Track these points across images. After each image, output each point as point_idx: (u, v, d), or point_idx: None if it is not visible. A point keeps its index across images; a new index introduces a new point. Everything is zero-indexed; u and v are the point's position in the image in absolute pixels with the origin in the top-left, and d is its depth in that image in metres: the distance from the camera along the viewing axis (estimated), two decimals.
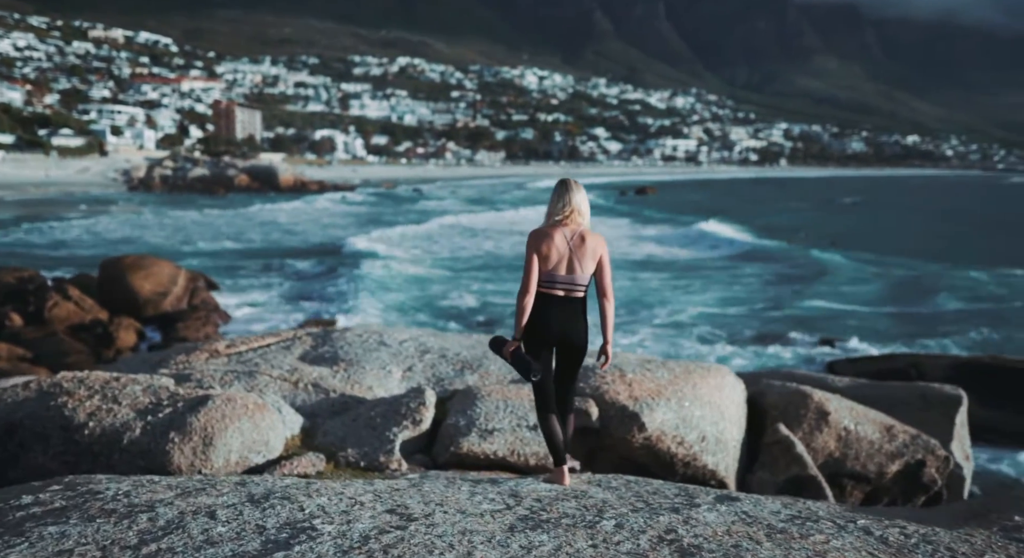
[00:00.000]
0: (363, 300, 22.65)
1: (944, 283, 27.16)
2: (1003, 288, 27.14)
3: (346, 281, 25.51)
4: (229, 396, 5.51)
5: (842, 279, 28.15)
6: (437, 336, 7.93)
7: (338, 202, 71.01)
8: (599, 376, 6.09)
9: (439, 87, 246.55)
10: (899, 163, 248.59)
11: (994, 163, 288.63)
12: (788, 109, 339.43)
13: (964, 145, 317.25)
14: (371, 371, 6.65)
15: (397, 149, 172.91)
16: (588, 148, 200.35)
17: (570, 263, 3.84)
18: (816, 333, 19.97)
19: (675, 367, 6.40)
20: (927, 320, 22.07)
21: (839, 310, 23.32)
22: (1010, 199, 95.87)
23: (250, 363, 6.96)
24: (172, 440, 5.22)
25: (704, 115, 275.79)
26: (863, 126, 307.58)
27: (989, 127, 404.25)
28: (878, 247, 38.06)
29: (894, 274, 29.43)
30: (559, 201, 3.93)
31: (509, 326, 20.60)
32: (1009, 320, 22.01)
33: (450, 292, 24.81)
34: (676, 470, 5.82)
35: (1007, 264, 32.50)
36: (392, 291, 24.78)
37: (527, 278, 3.84)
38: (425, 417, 5.56)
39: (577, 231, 3.88)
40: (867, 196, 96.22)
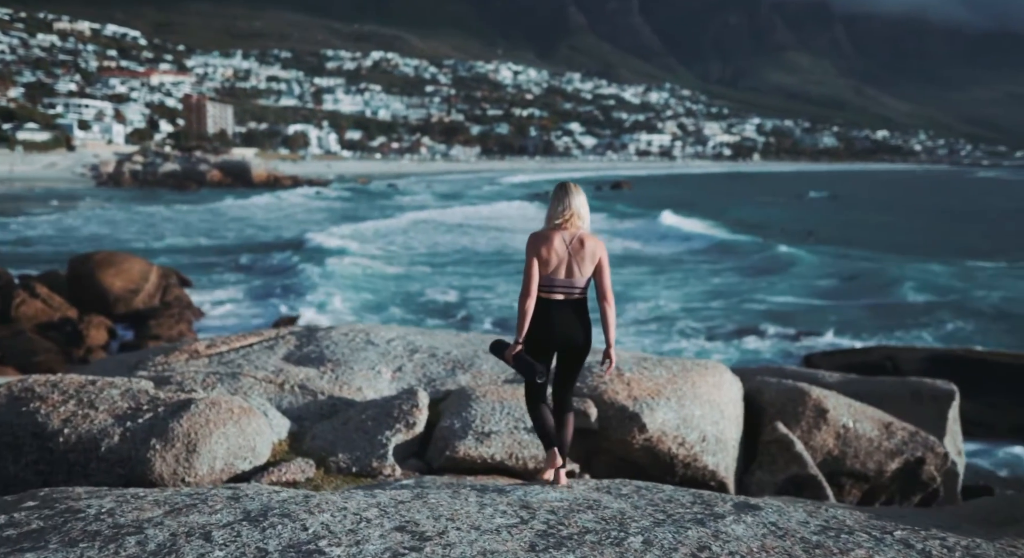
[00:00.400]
0: (335, 296, 22.43)
1: (912, 276, 27.45)
2: (967, 281, 27.50)
3: (318, 276, 25.25)
4: (213, 400, 5.26)
5: (813, 273, 28.35)
6: (425, 334, 7.71)
7: (312, 197, 70.37)
8: (596, 375, 5.91)
9: (413, 82, 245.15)
10: (869, 158, 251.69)
11: (960, 158, 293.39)
12: (760, 104, 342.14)
13: (932, 140, 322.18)
14: (360, 372, 6.43)
15: (371, 144, 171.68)
16: (563, 143, 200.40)
17: (569, 266, 3.85)
18: (790, 326, 20.04)
19: (672, 365, 6.25)
20: (896, 313, 22.25)
21: (810, 304, 23.45)
22: (977, 194, 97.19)
23: (232, 364, 6.70)
24: (153, 447, 4.97)
25: (678, 110, 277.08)
26: (834, 121, 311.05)
27: (955, 122, 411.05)
28: (848, 241, 38.42)
29: (863, 268, 29.70)
30: (559, 205, 3.93)
31: (480, 320, 20.46)
32: (975, 312, 22.26)
33: (424, 287, 24.59)
34: (676, 471, 5.67)
35: (972, 257, 32.94)
36: (364, 287, 24.52)
37: (527, 281, 3.84)
38: (418, 420, 5.35)
39: (576, 234, 3.89)
40: (838, 190, 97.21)
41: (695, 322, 20.85)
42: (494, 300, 22.75)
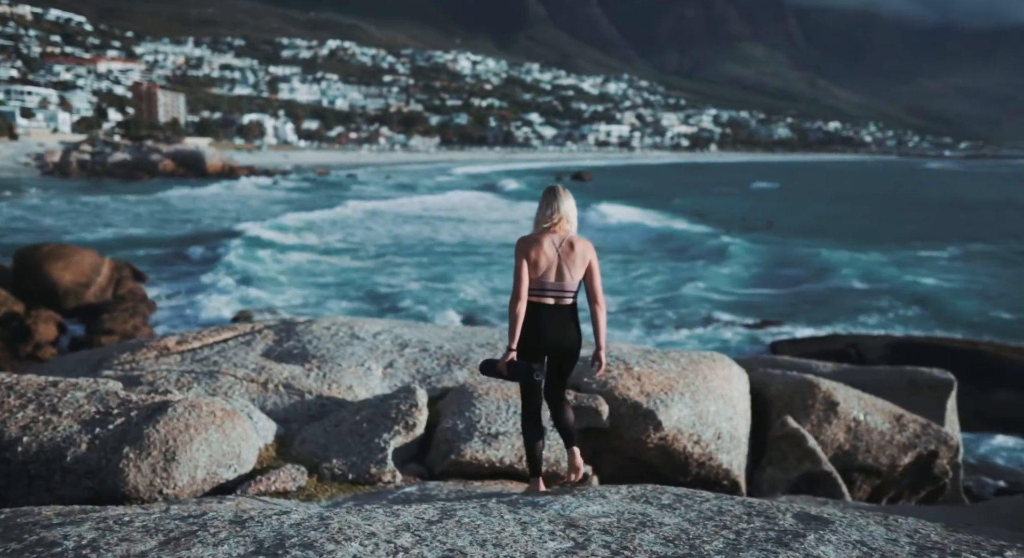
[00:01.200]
0: (289, 289, 21.87)
1: (863, 263, 27.71)
2: (915, 268, 27.89)
3: (270, 266, 24.57)
4: (192, 402, 4.79)
5: (759, 261, 28.36)
6: (412, 327, 7.29)
7: (269, 188, 68.96)
8: (604, 369, 5.57)
9: (371, 71, 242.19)
10: (822, 149, 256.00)
11: (909, 149, 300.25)
12: (717, 95, 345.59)
13: (881, 131, 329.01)
14: (348, 368, 5.99)
15: (329, 134, 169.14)
16: (523, 133, 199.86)
17: (559, 269, 3.83)
18: (750, 316, 19.97)
19: (679, 357, 5.93)
20: (847, 299, 22.23)
21: (758, 293, 23.36)
22: (926, 183, 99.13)
23: (208, 362, 6.21)
24: (126, 456, 4.49)
25: (636, 101, 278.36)
26: (788, 112, 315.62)
27: (903, 114, 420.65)
28: (798, 231, 38.68)
29: (816, 256, 29.76)
30: (547, 208, 3.90)
31: (426, 314, 19.94)
32: (917, 297, 22.44)
33: (383, 279, 24.04)
34: (689, 470, 5.37)
35: (926, 245, 33.35)
36: (318, 279, 23.92)
37: (518, 285, 3.81)
38: (419, 421, 4.95)
39: (566, 238, 3.87)
40: (791, 180, 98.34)
41: (650, 313, 20.64)
42: (461, 292, 22.31)
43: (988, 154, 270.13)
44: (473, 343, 6.71)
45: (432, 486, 4.53)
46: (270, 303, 20.24)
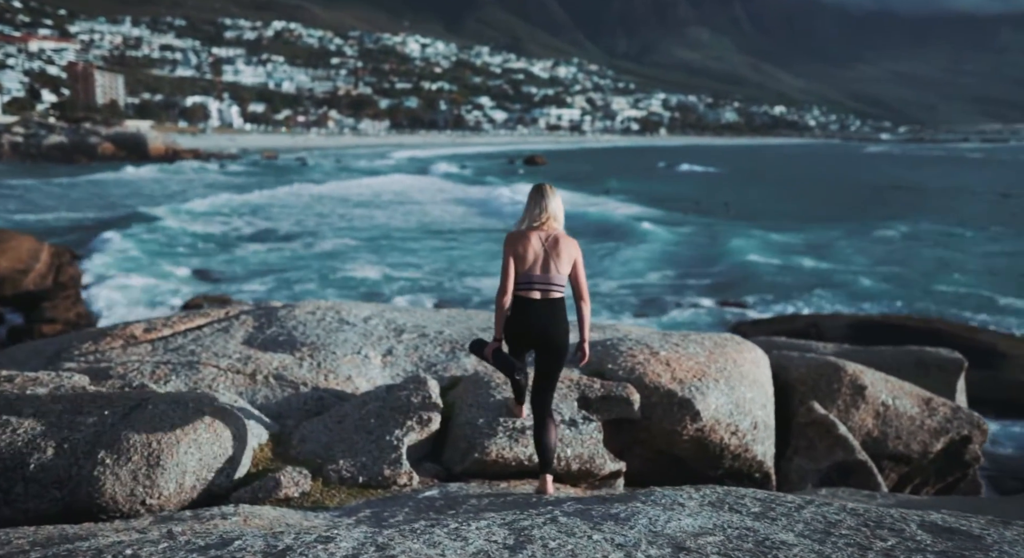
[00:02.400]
0: (242, 274, 21.08)
1: (807, 243, 27.91)
2: (876, 245, 28.18)
3: (237, 259, 23.61)
4: (177, 397, 4.20)
5: (686, 244, 28.11)
6: (404, 311, 6.74)
7: (215, 171, 66.96)
8: (629, 354, 5.11)
9: (318, 53, 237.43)
10: (768, 132, 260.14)
11: (851, 133, 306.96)
12: (665, 80, 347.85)
13: (824, 116, 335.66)
14: (344, 357, 5.43)
15: (276, 117, 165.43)
16: (474, 117, 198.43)
17: (545, 264, 3.88)
18: (709, 297, 19.75)
19: (703, 340, 5.51)
20: (799, 278, 22.12)
21: (675, 274, 23.01)
22: (867, 167, 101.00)
23: (183, 351, 5.58)
24: (102, 462, 3.89)
25: (586, 85, 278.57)
26: (735, 97, 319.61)
27: (845, 98, 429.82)
28: (756, 215, 38.84)
29: (769, 238, 29.81)
30: (535, 207, 3.96)
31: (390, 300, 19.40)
32: (824, 278, 22.50)
33: (345, 264, 23.31)
34: (723, 463, 4.96)
35: (874, 225, 33.63)
36: (268, 264, 23.11)
37: (504, 279, 3.89)
38: (434, 415, 4.43)
39: (552, 234, 3.93)
40: (729, 164, 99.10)
41: (623, 296, 20.18)
42: (421, 276, 21.71)
43: (926, 138, 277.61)
44: (473, 327, 6.20)
45: (455, 489, 4.03)
46: (226, 291, 19.43)
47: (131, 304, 17.75)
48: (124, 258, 22.69)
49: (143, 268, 21.48)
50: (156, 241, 26.35)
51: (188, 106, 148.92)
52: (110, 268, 21.06)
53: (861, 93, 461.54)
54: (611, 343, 5.39)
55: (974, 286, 21.32)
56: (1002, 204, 45.05)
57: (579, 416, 4.42)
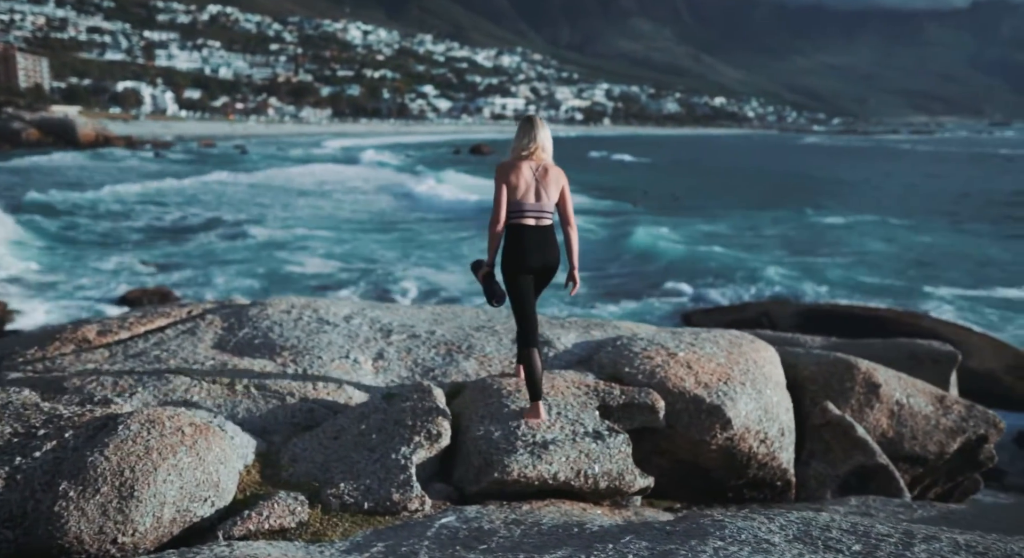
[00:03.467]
0: (188, 267, 20.13)
1: (729, 232, 28.11)
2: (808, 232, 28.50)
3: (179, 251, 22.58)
4: (151, 416, 3.65)
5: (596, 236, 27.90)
6: (386, 309, 6.24)
7: (150, 160, 64.59)
8: (645, 356, 4.73)
9: (256, 39, 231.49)
10: (709, 123, 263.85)
11: (788, 124, 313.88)
12: (608, 70, 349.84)
13: (762, 107, 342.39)
14: (331, 362, 4.91)
15: (213, 104, 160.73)
16: (418, 106, 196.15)
17: (537, 192, 4.05)
18: (655, 288, 19.50)
19: (719, 339, 5.17)
20: (719, 266, 21.95)
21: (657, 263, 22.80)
22: (803, 156, 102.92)
23: (147, 357, 4.99)
24: (65, 496, 3.33)
25: (530, 74, 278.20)
26: (676, 88, 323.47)
27: (781, 90, 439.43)
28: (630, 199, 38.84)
29: (690, 227, 29.88)
30: (525, 137, 4.12)
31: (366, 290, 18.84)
32: (802, 264, 22.60)
33: (302, 258, 22.53)
34: (748, 473, 4.62)
35: (811, 214, 34.05)
36: (216, 255, 22.18)
37: (497, 208, 4.04)
38: (443, 428, 3.98)
39: (542, 164, 4.10)
40: (659, 154, 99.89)
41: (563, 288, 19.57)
42: (377, 268, 21.06)
43: (858, 130, 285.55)
44: (466, 326, 5.74)
45: (474, 514, 3.59)
46: (164, 283, 18.51)
47: (56, 299, 16.77)
48: (43, 249, 21.47)
49: (67, 260, 20.39)
50: (84, 229, 25.12)
51: (119, 91, 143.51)
52: (28, 260, 19.93)
53: (797, 85, 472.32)
54: (622, 343, 5.01)
55: (897, 274, 21.58)
56: (925, 194, 46.08)
57: (603, 427, 4.02)
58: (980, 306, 18.36)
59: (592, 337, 5.50)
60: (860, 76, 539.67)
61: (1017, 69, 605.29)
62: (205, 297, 17.38)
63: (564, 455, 3.82)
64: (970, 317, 17.26)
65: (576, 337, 5.45)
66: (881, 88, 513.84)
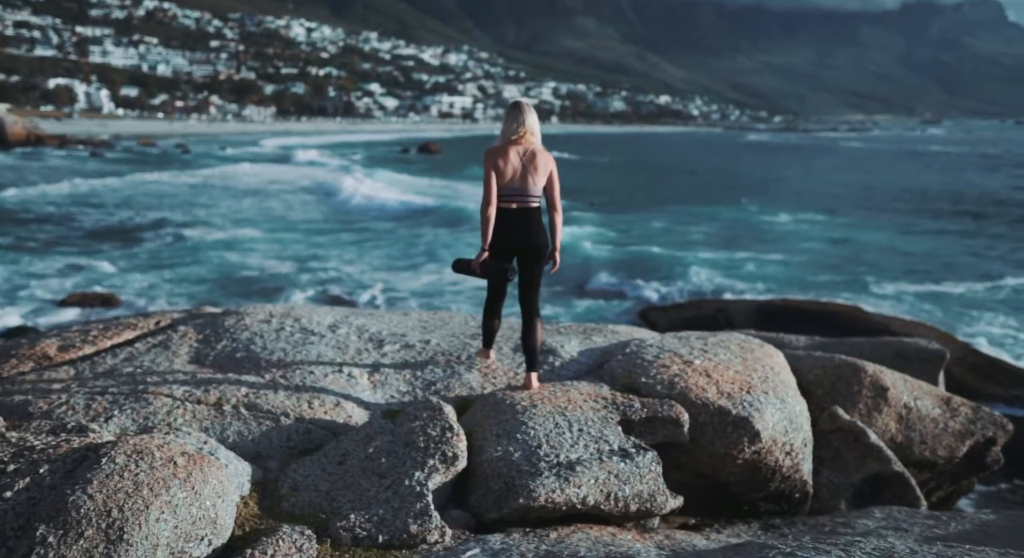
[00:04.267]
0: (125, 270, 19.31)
1: (658, 230, 28.39)
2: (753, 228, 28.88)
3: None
4: (137, 445, 3.26)
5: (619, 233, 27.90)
6: (372, 316, 5.89)
7: (87, 159, 62.36)
8: (660, 365, 4.49)
9: (195, 35, 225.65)
10: (655, 121, 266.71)
11: (732, 122, 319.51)
12: (555, 68, 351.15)
13: (707, 105, 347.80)
14: (324, 377, 4.55)
15: (152, 102, 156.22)
16: (364, 104, 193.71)
17: (524, 177, 4.13)
18: (605, 288, 19.39)
19: (731, 345, 4.96)
20: (644, 264, 21.96)
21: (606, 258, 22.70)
22: (749, 155, 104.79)
23: (118, 375, 4.56)
24: (43, 542, 2.94)
25: (477, 73, 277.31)
26: (622, 86, 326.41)
27: (724, 89, 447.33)
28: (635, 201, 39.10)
29: (613, 225, 30.03)
30: (513, 122, 4.17)
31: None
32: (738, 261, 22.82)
33: (229, 254, 21.85)
34: (769, 487, 4.42)
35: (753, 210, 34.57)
36: (152, 255, 21.37)
37: (487, 192, 4.12)
38: (459, 450, 3.67)
39: (529, 149, 4.16)
40: (630, 151, 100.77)
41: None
42: (332, 267, 20.50)
43: (799, 127, 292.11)
44: (459, 334, 5.43)
45: (499, 545, 3.30)
46: (110, 287, 17.70)
47: None
48: None
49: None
50: (18, 232, 23.97)
51: (51, 89, 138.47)
52: None
53: (739, 84, 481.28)
54: (633, 351, 4.77)
55: (838, 270, 21.81)
56: (866, 191, 47.03)
57: (629, 445, 3.76)
58: (922, 301, 18.71)
59: (595, 344, 5.25)
60: (799, 75, 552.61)
61: (945, 69, 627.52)
62: (154, 301, 16.69)
63: (592, 477, 3.55)
64: (910, 312, 17.52)
65: (579, 344, 5.19)
66: (819, 87, 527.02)
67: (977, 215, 34.13)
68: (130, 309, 16.03)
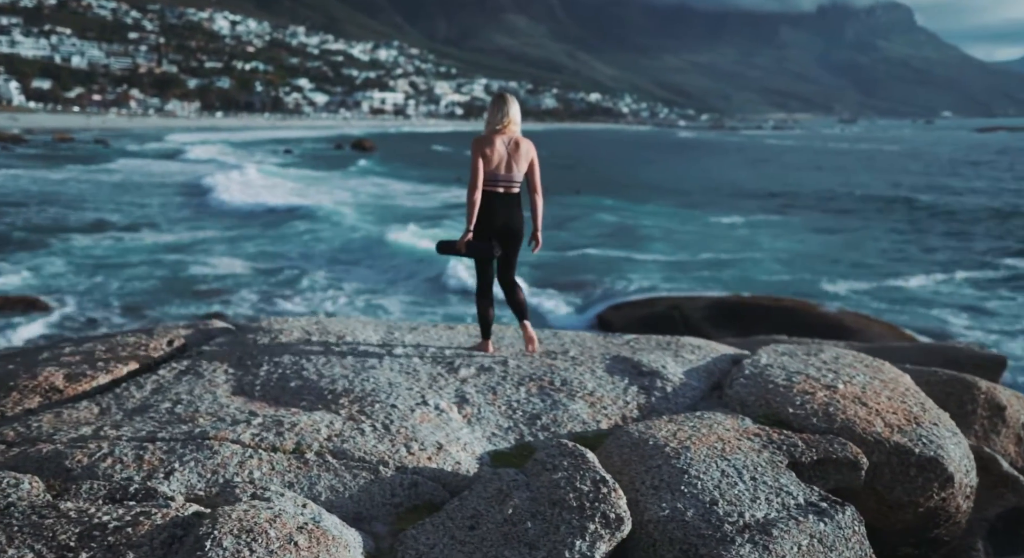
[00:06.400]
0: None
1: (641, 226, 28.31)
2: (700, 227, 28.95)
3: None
4: (244, 521, 2.51)
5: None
6: (417, 331, 5.17)
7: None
8: (800, 391, 3.90)
9: (112, 26, 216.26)
10: (586, 119, 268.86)
11: (661, 119, 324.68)
12: (486, 65, 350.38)
13: (636, 103, 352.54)
14: (412, 412, 3.79)
15: (67, 95, 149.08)
16: (293, 99, 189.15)
17: (508, 164, 4.43)
18: (555, 286, 18.80)
19: (854, 363, 4.42)
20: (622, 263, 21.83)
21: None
22: (682, 150, 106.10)
23: (157, 412, 3.73)
24: None
25: (408, 69, 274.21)
26: (553, 83, 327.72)
27: (652, 87, 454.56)
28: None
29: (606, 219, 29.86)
30: (498, 112, 4.47)
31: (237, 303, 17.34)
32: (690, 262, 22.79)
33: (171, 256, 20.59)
34: (930, 533, 3.85)
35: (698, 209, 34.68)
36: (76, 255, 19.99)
37: (474, 177, 4.38)
38: (621, 509, 3.00)
39: (513, 137, 4.46)
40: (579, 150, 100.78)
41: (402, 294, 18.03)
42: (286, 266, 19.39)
43: (725, 125, 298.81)
44: (538, 351, 4.77)
45: None
46: (45, 288, 16.31)
47: None
48: None
49: None
50: None
51: None
52: None
53: (666, 82, 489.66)
54: (754, 372, 4.18)
55: (786, 269, 21.87)
56: (804, 189, 47.76)
57: (816, 497, 3.16)
58: (869, 298, 18.77)
59: (691, 362, 4.67)
60: (724, 74, 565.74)
61: (860, 70, 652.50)
62: (83, 305, 15.41)
63: (793, 543, 2.91)
64: (856, 308, 17.50)
65: (678, 364, 4.60)
66: (743, 86, 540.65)
67: (906, 212, 34.78)
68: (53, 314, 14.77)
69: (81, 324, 14.37)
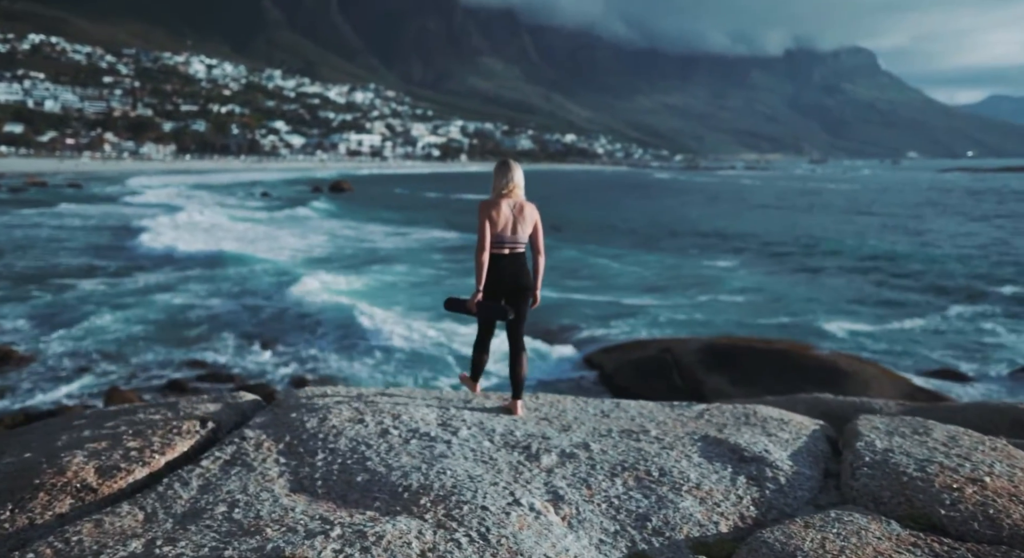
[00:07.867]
0: None
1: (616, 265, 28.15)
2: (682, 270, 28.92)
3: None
4: None
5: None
6: (467, 408, 4.74)
7: None
8: (947, 487, 3.46)
9: (86, 70, 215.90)
10: (562, 159, 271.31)
11: (635, 160, 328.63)
12: (462, 107, 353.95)
13: (611, 144, 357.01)
14: (507, 516, 3.32)
15: (40, 139, 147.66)
16: (269, 142, 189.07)
17: (514, 226, 4.64)
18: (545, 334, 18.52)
19: (977, 444, 4.02)
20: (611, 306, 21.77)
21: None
22: (665, 192, 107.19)
23: (213, 518, 3.22)
24: None
25: (384, 111, 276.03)
26: (529, 125, 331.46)
27: (625, 128, 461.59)
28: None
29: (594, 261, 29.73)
30: (503, 178, 4.69)
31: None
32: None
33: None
34: None
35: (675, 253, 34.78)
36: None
37: (481, 239, 4.58)
38: None
39: (518, 201, 4.69)
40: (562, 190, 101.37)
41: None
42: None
43: (699, 165, 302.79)
44: (600, 429, 4.33)
45: None
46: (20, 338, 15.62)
47: None
48: None
49: None
50: None
51: None
52: None
53: (639, 123, 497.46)
54: (878, 460, 3.75)
55: (772, 311, 21.77)
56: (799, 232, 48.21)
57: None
58: (860, 339, 18.67)
59: (788, 442, 4.25)
60: (696, 115, 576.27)
61: (828, 112, 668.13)
62: (58, 354, 14.73)
63: None
64: (852, 350, 17.39)
65: (778, 447, 4.17)
66: (715, 127, 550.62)
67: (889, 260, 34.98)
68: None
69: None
